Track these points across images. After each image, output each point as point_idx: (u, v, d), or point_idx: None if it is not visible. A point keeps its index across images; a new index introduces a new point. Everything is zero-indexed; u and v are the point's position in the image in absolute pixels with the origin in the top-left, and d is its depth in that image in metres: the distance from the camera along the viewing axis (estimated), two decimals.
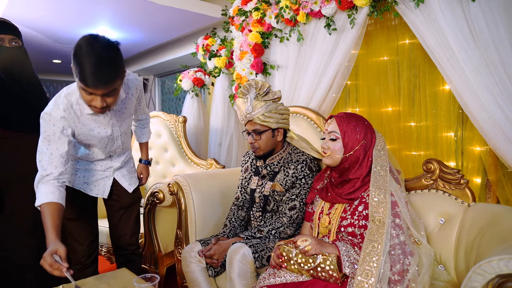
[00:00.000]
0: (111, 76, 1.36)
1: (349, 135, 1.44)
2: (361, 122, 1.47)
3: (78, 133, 1.56)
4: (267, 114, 1.67)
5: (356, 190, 1.43)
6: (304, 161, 1.71)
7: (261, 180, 1.82)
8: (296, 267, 1.32)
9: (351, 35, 2.06)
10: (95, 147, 1.67)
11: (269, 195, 1.74)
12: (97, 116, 1.57)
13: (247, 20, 2.54)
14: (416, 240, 1.35)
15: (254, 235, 1.64)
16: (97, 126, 1.59)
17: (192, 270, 1.66)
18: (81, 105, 1.52)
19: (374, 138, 1.46)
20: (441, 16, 1.62)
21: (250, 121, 1.71)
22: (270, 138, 1.74)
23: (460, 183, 1.52)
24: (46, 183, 1.43)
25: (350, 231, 1.39)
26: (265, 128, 1.70)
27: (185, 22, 3.67)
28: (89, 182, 1.74)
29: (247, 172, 1.92)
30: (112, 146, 1.71)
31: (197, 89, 3.20)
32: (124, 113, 1.69)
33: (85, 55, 1.30)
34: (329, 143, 1.48)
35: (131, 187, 1.85)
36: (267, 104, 1.68)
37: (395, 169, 1.47)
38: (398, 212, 1.32)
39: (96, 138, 1.61)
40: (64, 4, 3.19)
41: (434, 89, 2.12)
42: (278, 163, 1.78)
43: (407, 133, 2.24)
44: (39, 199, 1.41)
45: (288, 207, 1.68)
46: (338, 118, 1.48)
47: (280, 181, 1.72)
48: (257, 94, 1.68)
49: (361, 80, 2.45)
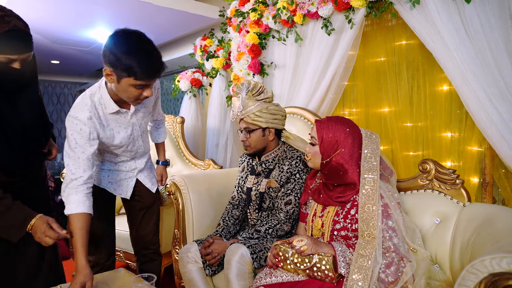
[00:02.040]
0: (160, 63, 1.42)
1: (326, 142, 1.42)
2: (342, 128, 1.42)
3: (101, 135, 1.56)
4: (258, 114, 1.71)
5: (346, 194, 1.42)
6: (299, 157, 1.74)
7: (256, 178, 1.85)
8: (292, 267, 1.33)
9: (348, 36, 2.07)
10: (119, 149, 1.67)
11: (265, 192, 1.76)
12: (118, 116, 1.59)
13: (245, 21, 2.55)
14: (412, 248, 1.34)
15: (251, 236, 1.64)
16: (117, 125, 1.61)
17: (189, 270, 1.67)
18: (103, 105, 1.53)
19: (356, 146, 1.41)
20: (437, 17, 1.64)
21: (242, 119, 1.74)
22: (260, 137, 1.76)
23: (455, 183, 1.53)
24: (76, 190, 1.43)
25: (343, 235, 1.39)
26: (255, 126, 1.73)
27: (183, 23, 3.68)
28: (113, 181, 1.78)
29: (243, 171, 1.94)
30: (133, 146, 1.73)
31: (195, 90, 3.21)
32: (143, 112, 1.69)
33: (132, 51, 1.34)
34: (309, 148, 1.50)
35: (154, 187, 1.90)
36: (258, 104, 1.71)
37: (388, 170, 1.46)
38: (390, 214, 1.32)
39: (118, 138, 1.62)
40: (62, 4, 3.19)
41: (432, 89, 2.13)
42: (273, 160, 1.82)
43: (406, 133, 2.24)
44: (70, 208, 1.41)
45: (283, 202, 1.70)
46: (318, 123, 1.47)
47: (275, 178, 1.75)
48: (248, 93, 1.72)
49: (359, 80, 2.46)
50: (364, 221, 1.30)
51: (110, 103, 1.52)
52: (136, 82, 1.38)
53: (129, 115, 1.62)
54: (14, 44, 1.25)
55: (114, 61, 1.34)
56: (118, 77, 1.39)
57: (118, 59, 1.33)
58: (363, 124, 2.43)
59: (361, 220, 1.31)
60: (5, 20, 1.21)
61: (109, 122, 1.58)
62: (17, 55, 1.27)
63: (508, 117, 1.50)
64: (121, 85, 1.41)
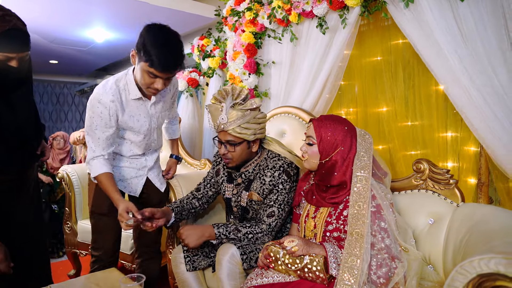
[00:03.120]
0: (178, 63, 1.53)
1: (325, 141, 1.40)
2: (340, 127, 1.41)
3: (121, 119, 1.66)
4: (244, 126, 1.52)
5: (339, 195, 1.40)
6: (281, 167, 1.60)
7: (236, 188, 1.72)
8: (283, 268, 1.32)
9: (343, 35, 2.06)
10: (134, 139, 1.75)
11: (247, 205, 1.66)
12: (139, 104, 1.70)
13: (240, 20, 2.55)
14: (404, 248, 1.33)
15: (227, 235, 1.54)
16: (138, 113, 1.70)
17: (181, 271, 1.66)
18: (127, 91, 1.65)
19: (355, 144, 1.41)
20: (430, 16, 1.62)
21: (224, 131, 1.55)
22: (245, 149, 1.60)
23: (449, 183, 1.52)
24: (97, 160, 1.62)
25: (336, 236, 1.38)
26: (240, 140, 1.56)
27: (180, 23, 3.67)
28: (123, 179, 1.82)
29: (219, 176, 1.80)
30: (149, 138, 1.79)
31: (192, 90, 3.20)
32: (162, 106, 1.79)
33: (157, 42, 1.46)
34: (306, 148, 1.45)
35: (162, 187, 1.93)
36: (245, 114, 1.51)
37: (381, 171, 1.45)
38: (382, 215, 1.31)
39: (136, 126, 1.71)
40: (59, 4, 3.19)
41: (428, 88, 2.12)
42: (254, 170, 1.68)
43: (403, 133, 2.23)
44: (95, 171, 1.60)
45: (266, 214, 1.59)
46: (315, 122, 1.44)
47: (257, 190, 1.62)
48: (234, 103, 1.51)
49: (355, 80, 2.45)
50: (354, 218, 1.29)
51: (134, 89, 1.64)
52: (150, 69, 1.48)
53: (149, 105, 1.72)
54: (13, 43, 1.28)
55: (140, 45, 1.48)
56: (138, 60, 1.53)
57: (144, 45, 1.46)
58: (361, 123, 2.42)
59: (351, 217, 1.30)
60: (5, 19, 1.25)
61: (131, 108, 1.68)
62: (15, 53, 1.30)
63: (502, 116, 1.49)
64: (138, 68, 1.54)
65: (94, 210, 1.81)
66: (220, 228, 1.55)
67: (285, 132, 2.18)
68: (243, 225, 1.58)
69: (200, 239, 1.52)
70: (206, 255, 1.69)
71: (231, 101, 1.51)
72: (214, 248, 1.69)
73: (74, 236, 2.64)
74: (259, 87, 2.56)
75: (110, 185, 1.59)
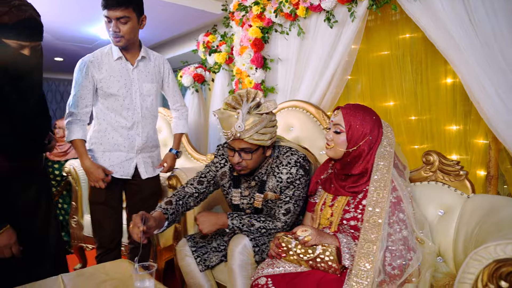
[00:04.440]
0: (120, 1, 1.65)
1: (354, 129, 1.38)
2: (368, 116, 1.40)
3: (98, 77, 1.81)
4: (262, 131, 1.40)
5: (359, 184, 1.40)
6: (297, 162, 1.53)
7: (246, 190, 1.63)
8: (295, 258, 1.31)
9: (351, 29, 2.06)
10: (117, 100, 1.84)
11: (262, 205, 1.60)
12: (121, 66, 1.84)
13: (247, 15, 2.54)
14: (419, 240, 1.33)
15: (241, 228, 1.53)
16: (119, 74, 1.83)
17: (187, 263, 1.64)
18: (110, 54, 1.84)
19: (381, 134, 1.41)
20: (440, 7, 1.62)
21: (239, 139, 1.43)
22: (261, 155, 1.51)
23: (459, 174, 1.51)
24: (74, 124, 1.81)
25: (352, 225, 1.37)
26: (257, 146, 1.46)
27: (186, 18, 3.68)
28: (114, 164, 1.88)
29: (224, 180, 1.67)
30: (131, 101, 1.86)
31: (198, 85, 3.20)
32: (145, 76, 1.90)
33: None
34: (333, 136, 1.43)
35: (147, 174, 1.95)
36: (262, 119, 1.41)
37: (401, 164, 1.44)
38: (402, 207, 1.30)
39: (115, 86, 1.82)
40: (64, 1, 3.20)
41: (437, 82, 2.12)
42: (266, 170, 1.59)
43: (411, 126, 2.23)
44: (70, 135, 1.80)
45: (282, 211, 1.55)
46: (344, 110, 1.41)
47: (273, 189, 1.56)
48: (250, 107, 1.40)
49: (363, 74, 2.45)
50: (372, 206, 1.28)
51: (116, 50, 1.82)
52: (104, 14, 1.69)
53: (131, 69, 1.85)
54: (27, 32, 1.32)
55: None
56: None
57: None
58: None
59: (369, 204, 1.29)
60: (21, 9, 1.29)
61: (112, 69, 1.82)
62: (29, 42, 1.33)
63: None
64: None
65: (92, 199, 1.91)
66: (234, 219, 1.55)
67: (292, 126, 2.18)
68: (257, 218, 1.56)
69: (214, 226, 1.54)
70: (216, 249, 1.68)
71: (247, 107, 1.39)
72: (224, 241, 1.70)
73: (81, 230, 2.64)
74: (266, 81, 2.56)
75: (83, 151, 1.81)
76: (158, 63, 1.97)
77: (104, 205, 1.89)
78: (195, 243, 1.65)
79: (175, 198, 1.55)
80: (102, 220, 1.90)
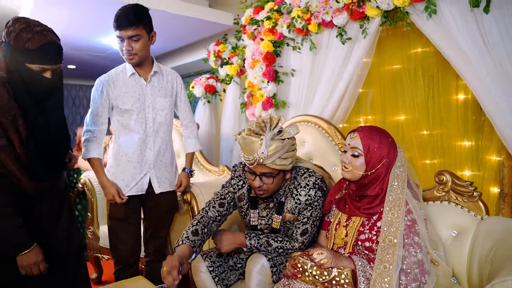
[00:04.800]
0: (132, 21, 1.72)
1: (372, 152, 1.40)
2: (385, 138, 1.43)
3: (112, 95, 1.87)
4: (283, 156, 1.42)
5: (374, 205, 1.42)
6: (315, 184, 1.55)
7: (264, 211, 1.66)
8: (310, 279, 1.33)
9: (363, 45, 2.07)
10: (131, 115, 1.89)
11: (280, 226, 1.63)
12: (135, 82, 1.90)
13: (259, 29, 2.57)
14: (434, 261, 1.34)
15: (258, 248, 1.57)
16: (132, 90, 1.89)
17: (201, 279, 1.65)
18: (124, 72, 1.91)
19: (396, 155, 1.43)
20: (455, 27, 1.63)
21: (261, 164, 1.43)
22: (281, 178, 1.53)
23: (473, 195, 1.51)
24: (90, 140, 1.87)
25: (367, 246, 1.39)
26: (277, 171, 1.47)
27: (198, 29, 3.72)
28: (129, 182, 1.92)
29: (242, 201, 1.68)
30: (143, 115, 1.90)
31: (209, 96, 3.23)
32: (158, 90, 1.95)
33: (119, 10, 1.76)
34: (351, 159, 1.44)
35: (159, 189, 1.97)
36: (284, 144, 1.42)
37: (414, 183, 1.45)
38: (417, 230, 1.32)
39: (129, 101, 1.88)
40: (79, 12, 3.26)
41: (449, 97, 2.12)
42: (284, 192, 1.61)
43: (423, 141, 2.23)
44: (87, 153, 1.86)
45: (299, 231, 1.58)
46: (362, 133, 1.43)
47: (291, 210, 1.58)
48: (273, 134, 1.41)
49: (374, 88, 2.45)
50: (387, 226, 1.30)
51: (129, 67, 1.89)
52: (116, 34, 1.76)
53: (145, 85, 1.91)
54: (49, 56, 1.39)
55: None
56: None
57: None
58: None
59: (384, 225, 1.31)
60: (43, 34, 1.35)
61: (126, 86, 1.89)
62: (50, 65, 1.40)
63: None
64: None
65: (111, 215, 1.93)
66: (252, 239, 1.58)
67: (304, 141, 2.20)
68: (274, 238, 1.59)
69: (232, 245, 1.58)
70: (233, 267, 1.70)
71: (271, 134, 1.40)
72: (240, 259, 1.72)
73: (97, 241, 2.69)
74: (277, 95, 2.58)
75: (100, 169, 1.88)
76: (171, 78, 2.02)
77: (124, 221, 1.92)
78: (212, 262, 1.66)
79: (200, 227, 1.52)
80: (121, 236, 1.93)
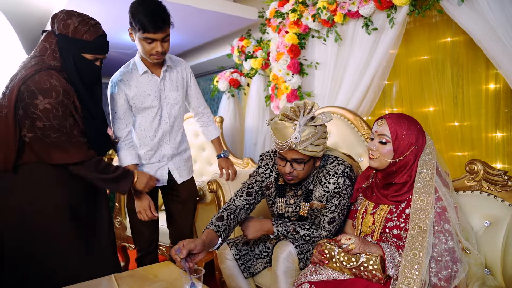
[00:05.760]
0: (166, 21, 1.67)
1: (400, 139, 1.38)
2: (413, 125, 1.41)
3: (130, 95, 1.81)
4: (316, 143, 1.42)
5: (402, 193, 1.40)
6: (344, 173, 1.55)
7: (292, 198, 1.66)
8: (338, 265, 1.33)
9: (390, 35, 2.05)
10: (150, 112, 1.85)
11: (308, 213, 1.63)
12: (148, 79, 1.83)
13: (284, 21, 2.58)
14: (466, 249, 1.31)
15: (285, 235, 1.58)
16: (148, 88, 1.83)
17: (227, 266, 1.68)
18: (136, 70, 1.83)
19: (425, 142, 1.41)
20: (489, 11, 1.59)
21: (293, 150, 1.45)
22: (312, 166, 1.53)
23: (507, 185, 1.47)
24: (121, 148, 1.85)
25: (395, 233, 1.38)
26: (309, 157, 1.47)
27: (221, 24, 3.74)
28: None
29: (270, 190, 1.70)
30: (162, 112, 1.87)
31: (233, 90, 3.26)
32: (171, 85, 1.90)
33: (142, 10, 1.63)
34: (378, 146, 1.43)
35: (181, 179, 1.99)
36: (316, 131, 1.42)
37: (443, 171, 1.43)
38: (448, 218, 1.30)
39: (147, 100, 1.83)
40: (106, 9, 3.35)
41: (478, 87, 2.07)
42: (312, 179, 1.61)
43: (451, 133, 2.19)
44: (123, 162, 1.84)
45: (327, 220, 1.58)
46: (390, 120, 1.41)
47: (319, 198, 1.58)
48: (307, 120, 1.41)
49: (401, 79, 2.42)
50: (416, 213, 1.29)
51: (141, 65, 1.81)
52: (144, 35, 1.65)
53: (159, 81, 1.85)
54: (101, 47, 1.55)
55: (131, 19, 1.66)
56: (134, 33, 1.70)
57: (133, 17, 1.64)
58: None
59: (413, 212, 1.30)
60: (97, 27, 1.52)
61: (141, 84, 1.82)
62: (102, 55, 1.56)
63: None
64: (137, 41, 1.71)
65: (130, 206, 1.96)
66: (279, 226, 1.58)
67: (330, 132, 2.19)
68: (301, 225, 1.59)
69: (259, 232, 1.59)
70: (259, 256, 1.72)
71: (305, 119, 1.40)
72: (266, 248, 1.74)
73: (124, 230, 2.77)
74: (302, 87, 2.58)
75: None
76: (180, 69, 1.96)
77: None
78: (238, 251, 1.68)
79: (226, 213, 1.53)
80: (140, 227, 1.96)
